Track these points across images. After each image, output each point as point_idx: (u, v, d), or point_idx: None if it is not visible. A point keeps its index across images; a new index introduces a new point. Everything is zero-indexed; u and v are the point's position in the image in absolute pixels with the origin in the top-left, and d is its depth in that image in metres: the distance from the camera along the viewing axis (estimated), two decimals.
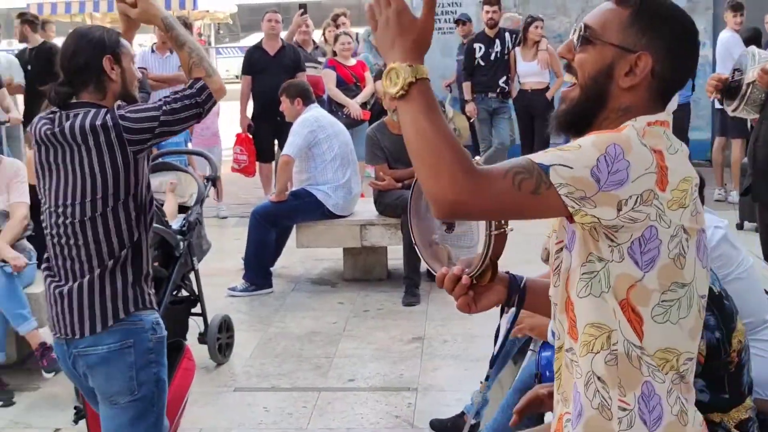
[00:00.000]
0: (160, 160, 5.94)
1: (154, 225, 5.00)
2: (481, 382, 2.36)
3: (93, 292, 3.02)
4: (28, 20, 9.47)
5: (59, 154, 3.00)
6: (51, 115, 3.04)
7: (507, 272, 2.05)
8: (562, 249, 1.89)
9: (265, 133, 9.31)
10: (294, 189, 7.14)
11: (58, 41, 9.16)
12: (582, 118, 1.83)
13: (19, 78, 9.34)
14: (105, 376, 3.06)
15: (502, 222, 1.89)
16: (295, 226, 7.13)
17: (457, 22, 11.33)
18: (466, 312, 1.99)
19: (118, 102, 3.11)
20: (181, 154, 7.22)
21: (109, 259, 3.03)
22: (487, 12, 10.08)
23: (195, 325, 5.43)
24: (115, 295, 3.04)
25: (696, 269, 1.80)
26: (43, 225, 3.12)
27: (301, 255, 7.77)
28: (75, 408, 4.12)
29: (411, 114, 1.69)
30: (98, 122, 2.95)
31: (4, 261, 5.04)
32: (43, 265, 3.18)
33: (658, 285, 1.76)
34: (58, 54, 3.17)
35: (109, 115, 2.97)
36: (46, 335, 5.22)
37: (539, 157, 1.69)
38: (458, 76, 11.07)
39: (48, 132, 2.99)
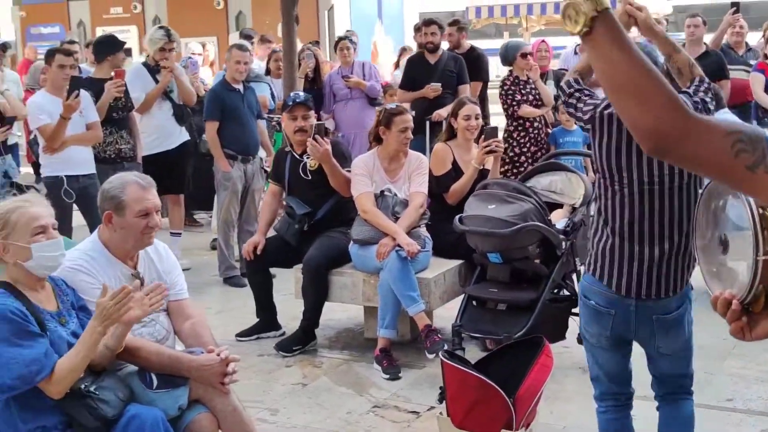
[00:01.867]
0: (553, 159, 6.06)
1: (537, 223, 5.17)
2: None
3: (679, 255, 3.48)
4: (463, 27, 10.00)
5: None
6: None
7: None
8: None
9: None
10: None
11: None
12: None
13: None
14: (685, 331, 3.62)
15: None
16: None
17: None
18: (739, 338, 1.87)
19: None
20: (576, 155, 7.26)
21: (688, 223, 3.46)
22: None
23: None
24: (691, 261, 3.52)
25: None
26: (624, 192, 3.51)
27: None
28: (440, 388, 4.37)
29: (600, 50, 1.58)
30: None
31: (400, 246, 5.46)
32: (609, 227, 3.58)
33: None
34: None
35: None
36: (436, 318, 5.59)
37: None
38: None
39: None
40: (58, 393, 3.17)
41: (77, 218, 7.02)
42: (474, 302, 5.46)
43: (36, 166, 7.64)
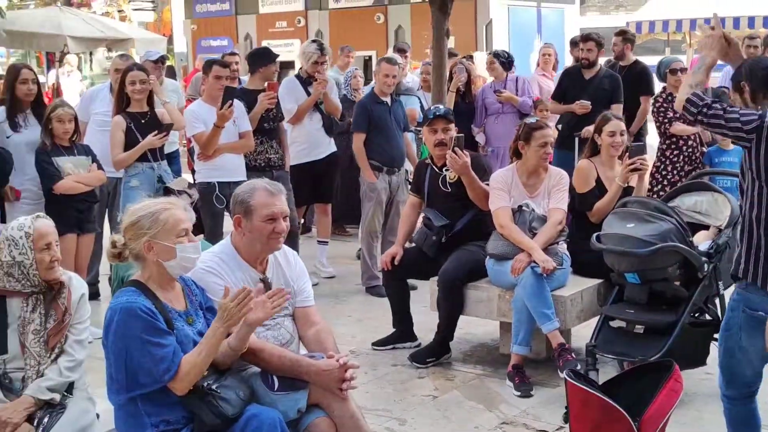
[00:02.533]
0: (701, 179, 5.86)
1: (676, 244, 5.01)
2: None
3: None
4: (629, 39, 9.81)
5: None
6: None
7: None
8: None
9: None
10: None
11: None
12: None
13: None
14: None
15: None
16: None
17: None
18: None
19: None
20: (727, 176, 6.97)
21: None
22: None
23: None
24: None
25: None
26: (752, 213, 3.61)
27: None
28: (565, 407, 4.29)
29: None
30: None
31: (536, 262, 5.39)
32: None
33: None
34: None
35: None
36: (575, 337, 5.46)
37: None
38: None
39: None
40: (182, 390, 3.30)
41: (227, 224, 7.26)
42: (610, 323, 5.33)
43: (195, 172, 7.96)
